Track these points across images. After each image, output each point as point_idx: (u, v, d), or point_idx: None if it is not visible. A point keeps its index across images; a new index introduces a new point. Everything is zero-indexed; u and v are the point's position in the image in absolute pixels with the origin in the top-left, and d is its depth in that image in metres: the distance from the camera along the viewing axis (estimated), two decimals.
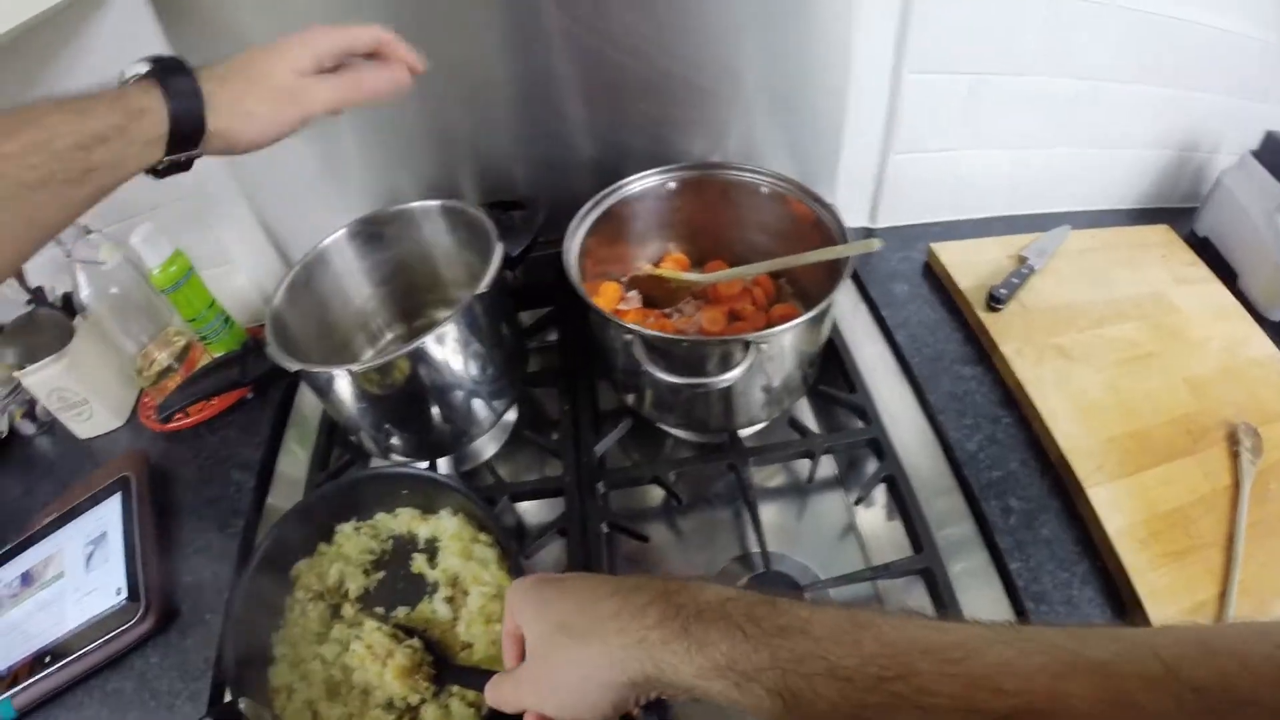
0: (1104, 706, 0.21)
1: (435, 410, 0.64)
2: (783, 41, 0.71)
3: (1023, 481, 0.61)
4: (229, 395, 0.82)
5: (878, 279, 0.77)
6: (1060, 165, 0.79)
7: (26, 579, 0.73)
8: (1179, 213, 0.81)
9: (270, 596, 0.59)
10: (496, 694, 0.40)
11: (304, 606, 0.59)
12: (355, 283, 0.72)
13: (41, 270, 0.79)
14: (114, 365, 0.89)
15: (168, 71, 0.41)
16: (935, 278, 0.77)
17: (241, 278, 0.86)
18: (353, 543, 0.62)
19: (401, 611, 0.58)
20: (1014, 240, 0.77)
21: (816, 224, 0.65)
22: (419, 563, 0.60)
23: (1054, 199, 0.81)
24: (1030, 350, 0.67)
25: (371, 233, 0.70)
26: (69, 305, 0.84)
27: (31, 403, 0.91)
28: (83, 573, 0.71)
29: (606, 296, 0.71)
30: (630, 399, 0.66)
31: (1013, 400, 0.66)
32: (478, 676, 0.47)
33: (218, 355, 0.73)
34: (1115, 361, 0.66)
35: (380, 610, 0.58)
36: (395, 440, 0.67)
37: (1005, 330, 0.69)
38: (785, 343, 0.59)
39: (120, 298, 0.76)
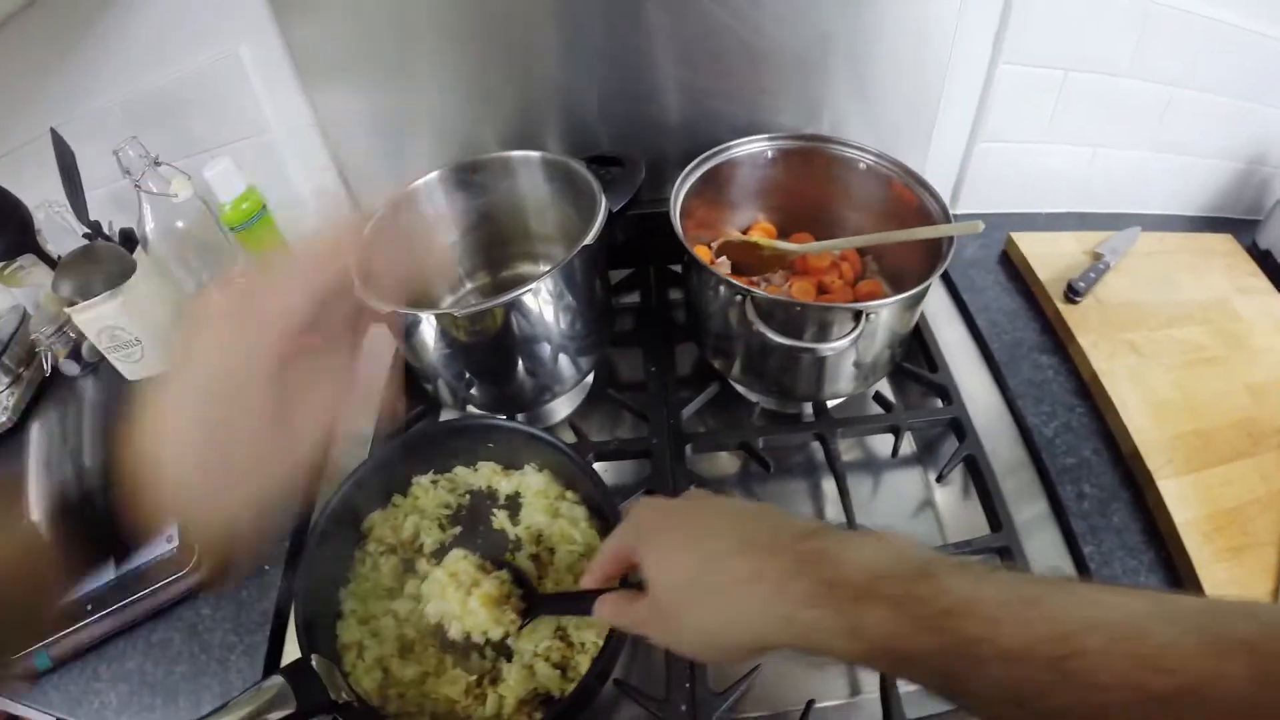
0: (1255, 686, 0.21)
1: (521, 363, 0.63)
2: (887, 18, 0.70)
3: (1096, 469, 0.63)
4: None
5: (957, 264, 0.78)
6: (1134, 167, 0.81)
7: None
8: (1242, 223, 0.83)
9: (340, 549, 0.58)
10: (615, 611, 0.39)
11: (375, 560, 0.58)
12: (442, 226, 0.70)
13: (101, 204, 0.75)
14: (169, 305, 0.86)
15: None
16: (1012, 266, 0.78)
17: (311, 222, 0.83)
18: (429, 496, 0.61)
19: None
20: (1088, 236, 0.79)
21: (917, 205, 0.65)
22: (500, 519, 0.60)
23: (1124, 200, 0.83)
24: (1105, 344, 0.69)
25: (464, 179, 0.68)
26: (127, 242, 0.80)
27: (77, 342, 0.88)
28: None
29: None
30: (719, 363, 0.67)
31: (1086, 391, 0.68)
32: (573, 601, 0.46)
33: None
34: (1182, 362, 0.69)
35: (454, 566, 0.57)
36: (475, 391, 0.66)
37: (1082, 322, 0.71)
38: (883, 318, 0.60)
39: (185, 233, 0.73)
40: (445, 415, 0.74)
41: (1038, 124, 0.77)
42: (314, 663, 0.46)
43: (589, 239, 0.58)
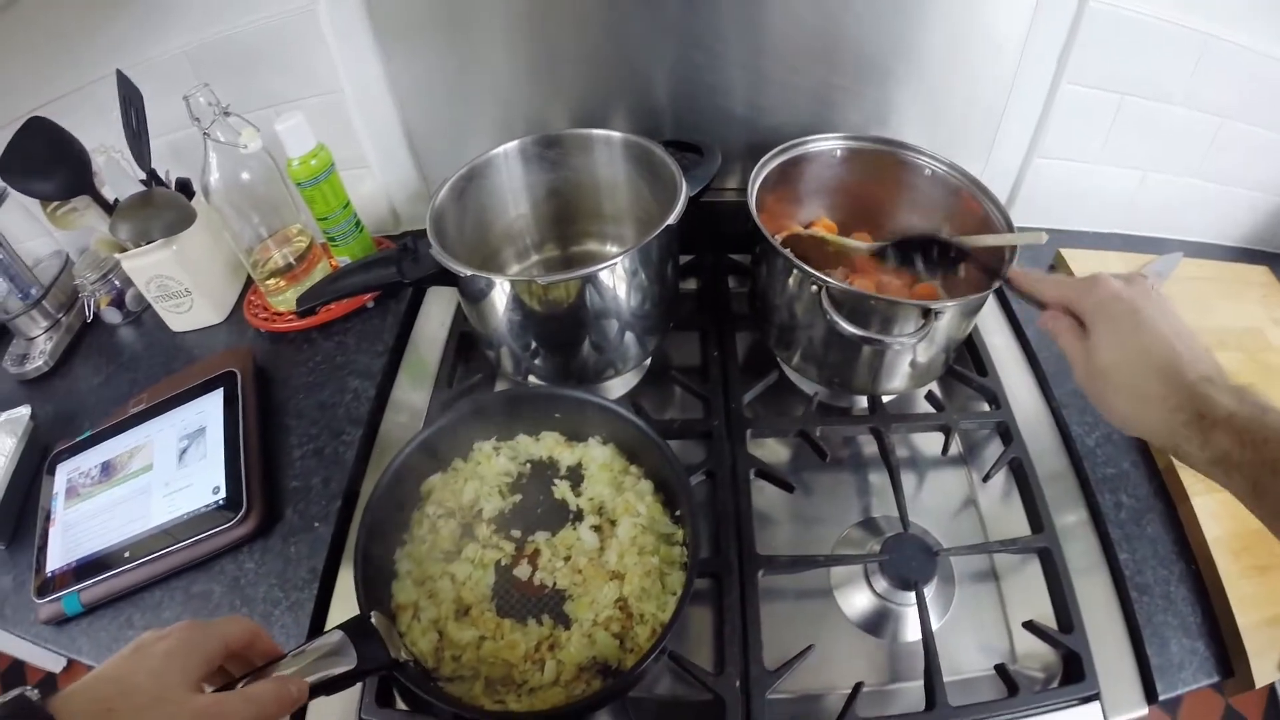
0: None
1: (589, 338, 0.64)
2: (960, 29, 0.72)
3: (1133, 480, 0.65)
4: (346, 303, 0.80)
5: None
6: (1180, 193, 0.83)
7: (107, 469, 0.71)
8: (1278, 257, 0.86)
9: (398, 510, 0.58)
10: (1069, 332, 0.48)
11: (434, 523, 0.59)
12: (514, 197, 0.71)
13: (157, 154, 0.75)
14: (222, 258, 0.86)
15: None
16: None
17: (373, 185, 0.83)
18: (491, 463, 0.62)
19: (541, 536, 0.58)
20: (1133, 258, 0.81)
21: (980, 215, 0.67)
22: (561, 489, 0.61)
23: (1167, 225, 0.86)
24: None
25: (543, 152, 0.69)
26: (184, 192, 0.80)
27: (121, 290, 0.87)
28: (174, 468, 0.69)
29: None
30: (780, 353, 0.68)
31: None
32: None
33: (368, 256, 0.70)
34: None
35: (517, 533, 0.59)
36: (538, 362, 0.67)
37: None
38: (944, 322, 0.62)
39: (249, 186, 0.73)
40: (499, 386, 0.75)
41: (1093, 145, 0.79)
42: (374, 619, 0.45)
43: (671, 219, 0.59)
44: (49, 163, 0.72)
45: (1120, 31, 0.71)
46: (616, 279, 0.61)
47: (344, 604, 0.61)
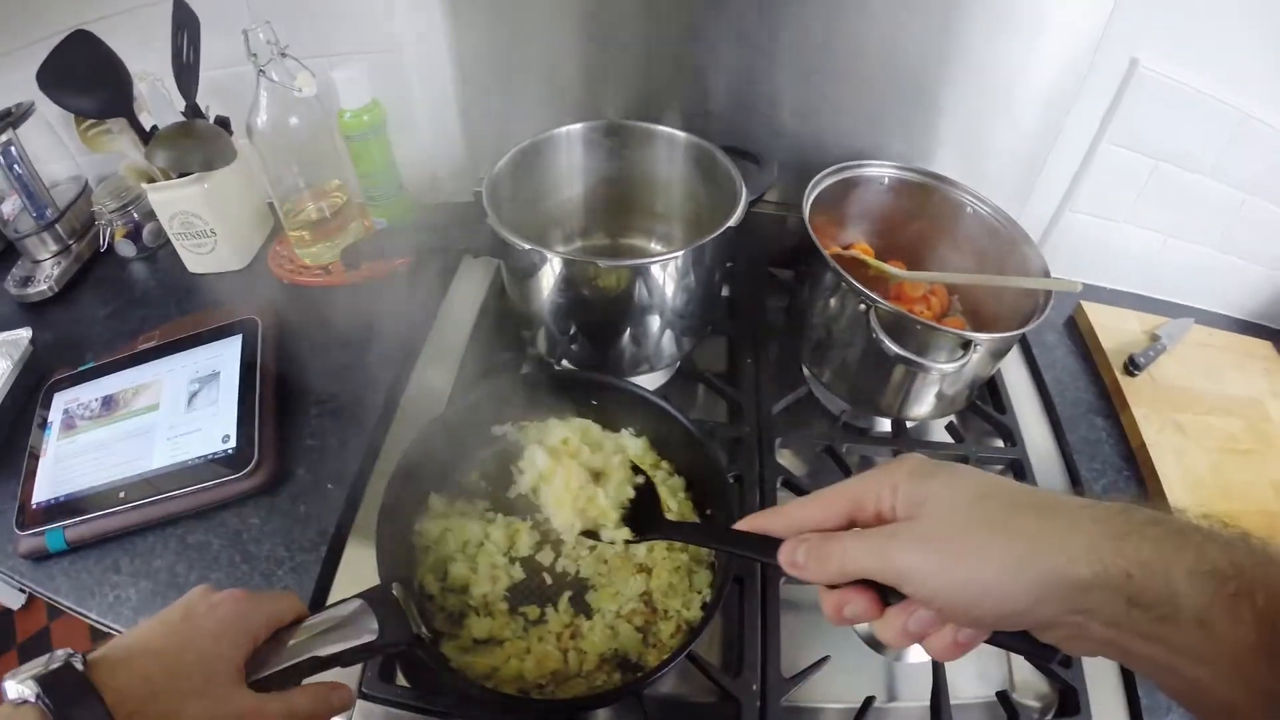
0: None
1: (630, 330, 0.64)
2: (1018, 77, 0.74)
3: None
4: (375, 266, 0.79)
5: None
6: (1198, 261, 0.87)
7: (109, 404, 0.69)
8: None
9: (418, 485, 0.57)
10: (819, 554, 0.31)
11: (453, 503, 0.58)
12: (569, 179, 0.71)
13: (200, 91, 0.73)
14: (253, 203, 0.84)
15: (64, 699, 0.31)
16: (1077, 331, 0.83)
17: (418, 150, 0.82)
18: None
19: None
20: (1147, 318, 0.84)
21: (1016, 258, 0.69)
22: None
23: (1183, 290, 0.89)
24: (1155, 418, 0.74)
25: (603, 139, 0.69)
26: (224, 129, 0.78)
27: (139, 224, 0.84)
28: (182, 410, 0.67)
29: None
30: (811, 368, 0.69)
31: (1133, 456, 0.73)
32: (737, 542, 0.36)
33: (419, 217, 0.69)
34: (1219, 449, 0.74)
35: (540, 517, 0.57)
36: (575, 348, 0.67)
37: (1137, 395, 0.76)
38: (975, 358, 0.63)
39: (295, 131, 0.72)
40: (524, 370, 0.74)
41: (1123, 205, 0.83)
42: (395, 591, 0.44)
43: (732, 221, 0.60)
44: (90, 78, 0.70)
45: (1165, 98, 0.74)
46: (668, 274, 0.61)
47: (352, 573, 0.60)
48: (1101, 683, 0.57)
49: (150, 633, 0.36)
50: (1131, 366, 0.77)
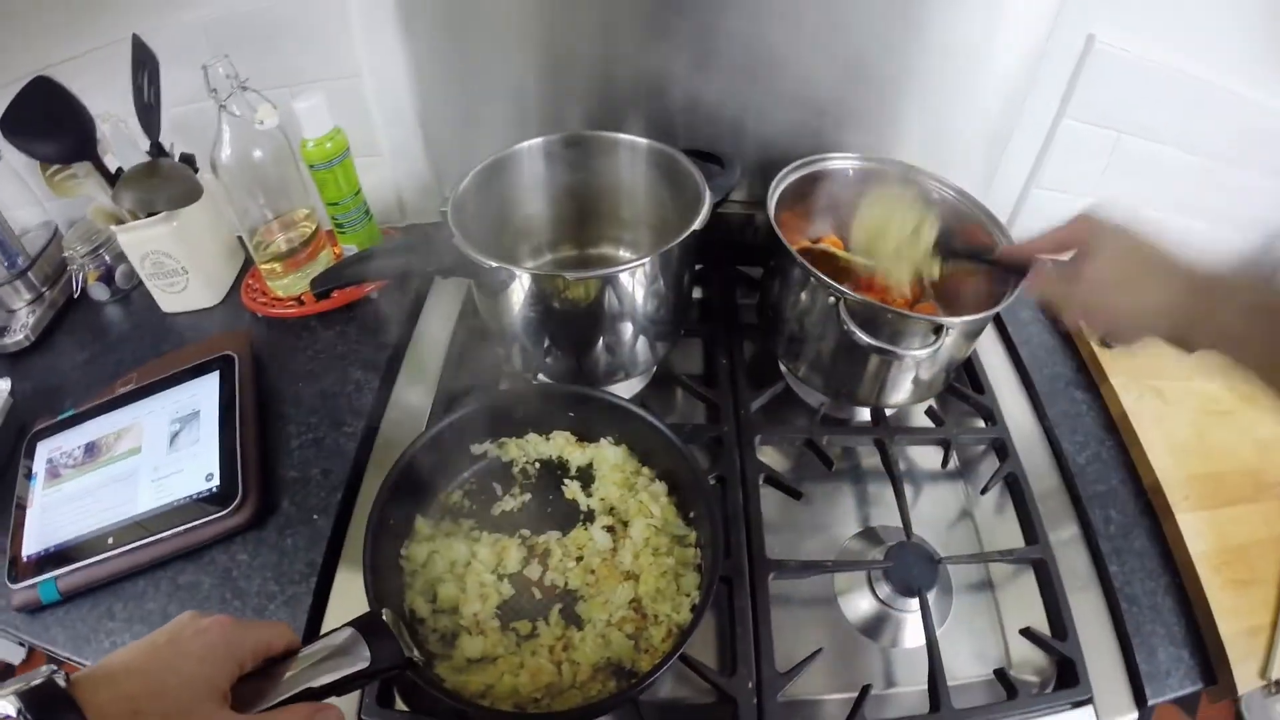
0: None
1: (603, 339, 0.65)
2: (969, 59, 0.74)
3: (1121, 497, 0.68)
4: (350, 292, 0.79)
5: None
6: (1166, 229, 0.87)
7: (91, 450, 0.69)
8: None
9: (408, 505, 0.58)
10: (1051, 284, 0.51)
11: (439, 524, 0.58)
12: (533, 194, 0.71)
13: (163, 129, 0.73)
14: (222, 238, 0.84)
15: (45, 715, 0.31)
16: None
17: (382, 175, 0.82)
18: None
19: (553, 535, 0.58)
20: None
21: (987, 241, 0.69)
22: (572, 489, 0.61)
23: None
24: (1134, 387, 0.75)
25: (565, 151, 0.69)
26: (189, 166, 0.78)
27: (111, 266, 0.84)
28: (164, 452, 0.67)
29: None
30: (787, 364, 0.70)
31: (1114, 426, 0.73)
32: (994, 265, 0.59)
33: (387, 242, 0.69)
34: (1200, 411, 0.75)
35: (526, 532, 0.58)
36: (550, 361, 0.67)
37: (1114, 365, 0.76)
38: (948, 341, 0.64)
39: (260, 164, 0.72)
40: (503, 386, 0.74)
41: (1089, 179, 0.83)
42: (385, 616, 0.44)
43: (696, 224, 0.60)
44: (52, 124, 0.70)
45: (1123, 73, 0.75)
46: (637, 281, 0.62)
47: (343, 601, 0.60)
48: (1099, 653, 0.57)
49: (135, 653, 0.36)
50: (1106, 338, 0.78)
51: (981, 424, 0.73)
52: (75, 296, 0.85)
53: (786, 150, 0.72)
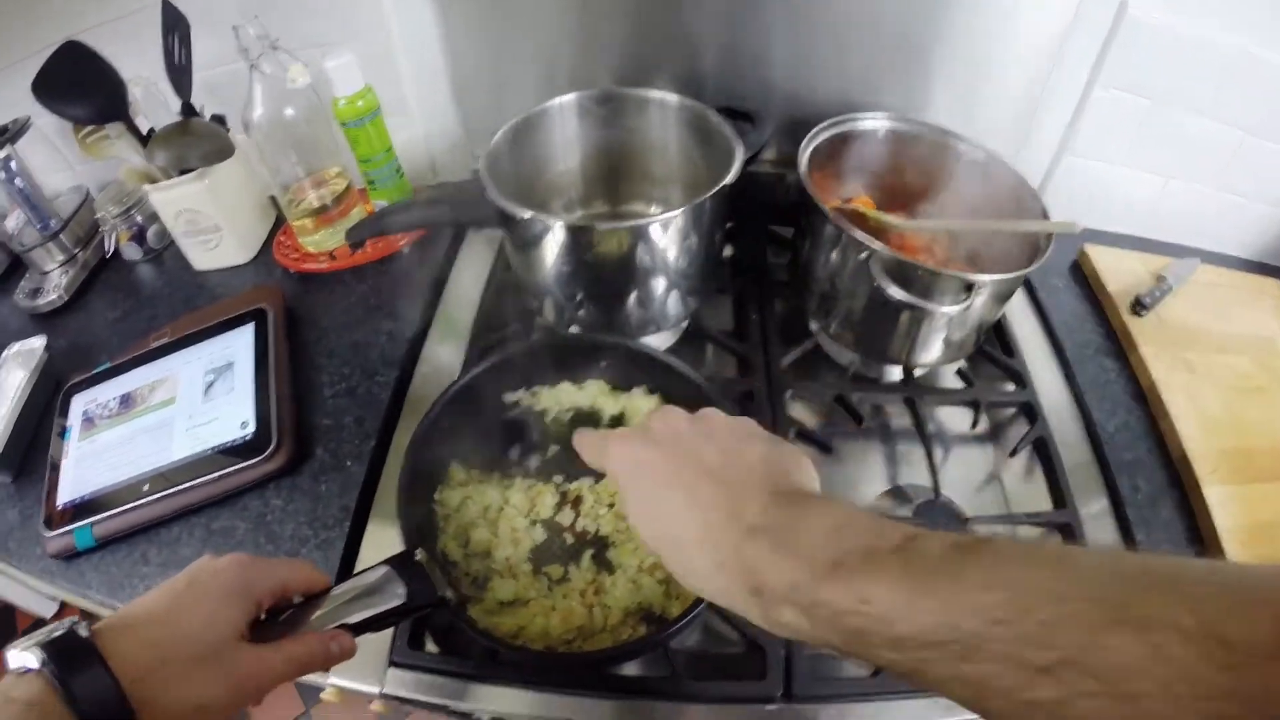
0: (1141, 660, 0.21)
1: (635, 292, 0.65)
2: (1002, 23, 0.74)
3: (1149, 467, 0.67)
4: (382, 246, 0.80)
5: None
6: (1200, 202, 0.86)
7: (127, 401, 0.70)
8: None
9: (440, 454, 0.58)
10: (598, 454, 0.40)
11: (471, 470, 0.58)
12: (566, 150, 0.71)
13: (193, 91, 0.73)
14: (255, 195, 0.85)
15: (69, 665, 0.31)
16: (1081, 275, 0.83)
17: (412, 133, 0.82)
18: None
19: (585, 482, 0.58)
20: (1151, 259, 0.84)
21: (1016, 204, 0.69)
22: None
23: (1186, 232, 0.89)
24: (1164, 356, 0.74)
25: (597, 108, 0.69)
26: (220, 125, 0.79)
27: (143, 226, 0.85)
28: (199, 401, 0.68)
29: None
30: (817, 321, 0.69)
31: (1143, 396, 0.73)
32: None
33: (420, 195, 0.69)
34: (1230, 386, 0.74)
35: (558, 479, 0.58)
36: (582, 314, 0.67)
37: (1144, 334, 0.76)
38: (978, 302, 0.63)
39: (292, 122, 0.73)
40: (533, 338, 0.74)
41: (1120, 148, 0.82)
42: (419, 556, 0.44)
43: (729, 178, 0.60)
44: (84, 86, 0.71)
45: (1156, 41, 0.74)
46: (669, 234, 0.62)
47: (375, 547, 0.61)
48: None
49: (155, 601, 0.36)
50: (1138, 307, 0.77)
51: (1011, 387, 0.72)
52: (108, 257, 0.86)
53: (819, 109, 0.72)
